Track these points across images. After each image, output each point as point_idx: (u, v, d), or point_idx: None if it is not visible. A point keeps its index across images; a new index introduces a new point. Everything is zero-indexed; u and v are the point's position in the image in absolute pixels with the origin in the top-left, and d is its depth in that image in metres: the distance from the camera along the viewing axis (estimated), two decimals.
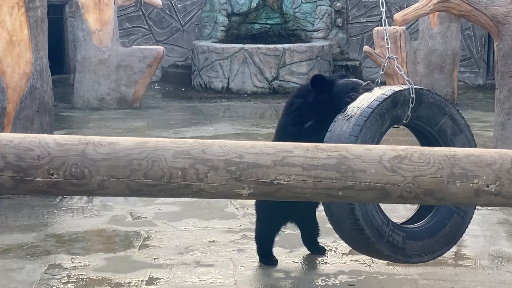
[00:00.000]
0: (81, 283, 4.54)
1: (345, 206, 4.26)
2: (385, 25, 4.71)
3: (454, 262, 4.94)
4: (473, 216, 5.84)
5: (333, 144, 2.46)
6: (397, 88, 4.38)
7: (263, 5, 13.83)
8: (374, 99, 4.30)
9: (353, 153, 2.41)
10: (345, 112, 4.34)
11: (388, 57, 4.62)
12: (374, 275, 4.66)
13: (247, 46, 12.65)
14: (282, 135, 4.59)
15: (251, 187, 2.37)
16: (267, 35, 13.72)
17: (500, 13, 6.77)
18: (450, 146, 4.39)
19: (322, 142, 4.28)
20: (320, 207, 5.95)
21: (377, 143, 4.26)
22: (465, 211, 4.50)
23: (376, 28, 11.35)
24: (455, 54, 11.28)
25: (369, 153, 2.41)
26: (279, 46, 12.70)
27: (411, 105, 4.31)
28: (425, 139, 4.53)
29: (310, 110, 4.53)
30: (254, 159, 2.37)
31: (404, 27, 10.62)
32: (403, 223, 4.63)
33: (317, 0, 13.70)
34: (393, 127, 4.46)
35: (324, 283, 4.54)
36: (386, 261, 4.82)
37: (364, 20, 14.09)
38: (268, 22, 13.86)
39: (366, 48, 11.32)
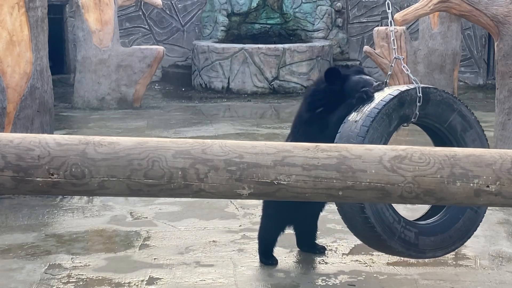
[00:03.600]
0: (81, 283, 4.54)
1: (355, 204, 4.30)
2: (391, 26, 4.74)
3: (454, 262, 4.94)
4: None
5: (333, 144, 2.46)
6: (403, 87, 4.42)
7: (263, 5, 13.83)
8: (381, 100, 4.35)
9: (353, 153, 2.41)
10: (353, 113, 4.40)
11: (395, 57, 4.66)
12: (375, 275, 4.66)
13: (247, 46, 12.65)
14: (297, 120, 4.80)
15: (251, 187, 2.37)
16: (267, 35, 13.72)
17: (500, 13, 6.77)
18: (460, 142, 4.47)
19: (330, 128, 4.46)
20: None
21: (385, 143, 4.32)
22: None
23: (376, 28, 11.35)
24: (455, 54, 11.28)
25: (370, 153, 2.41)
26: (279, 46, 12.70)
27: (418, 104, 4.35)
28: (436, 136, 4.60)
29: (321, 97, 4.66)
30: (255, 159, 2.37)
31: (404, 27, 10.62)
32: (417, 219, 4.67)
33: (317, 0, 13.70)
34: (402, 126, 4.50)
35: (324, 283, 4.54)
36: (386, 262, 4.83)
37: (364, 20, 14.09)
38: (268, 22, 13.86)
39: (366, 48, 11.32)
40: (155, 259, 4.92)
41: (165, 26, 14.03)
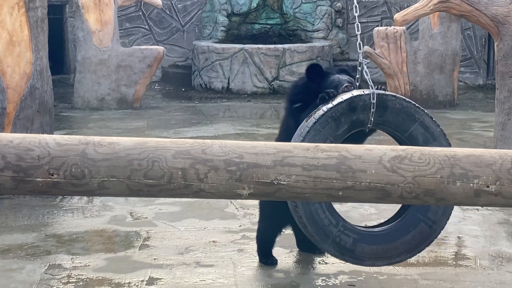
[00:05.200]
0: (81, 283, 4.53)
1: (291, 202, 4.28)
2: (357, 30, 4.63)
3: (454, 262, 4.94)
4: (474, 216, 5.86)
5: (333, 144, 2.46)
6: (358, 92, 4.32)
7: (263, 5, 13.83)
8: (330, 102, 4.30)
9: (353, 153, 2.41)
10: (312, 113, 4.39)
11: (359, 61, 4.53)
12: (374, 275, 4.66)
13: (247, 46, 12.65)
14: (284, 112, 4.89)
15: (251, 187, 2.37)
16: (267, 35, 13.72)
17: (500, 13, 6.77)
18: None
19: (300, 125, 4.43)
20: None
21: None
22: (435, 220, 4.38)
23: (376, 29, 11.36)
24: (455, 54, 11.28)
25: (369, 153, 2.41)
26: (279, 46, 12.71)
27: (372, 110, 4.25)
28: (399, 143, 4.50)
29: (299, 92, 4.68)
30: (254, 159, 2.37)
31: (404, 27, 10.62)
32: (378, 225, 4.63)
33: (317, 0, 13.70)
34: (365, 131, 4.38)
35: (324, 283, 4.54)
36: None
37: (364, 20, 14.09)
38: (268, 22, 13.86)
39: (366, 48, 11.32)
40: (155, 259, 4.92)
41: (165, 26, 14.03)
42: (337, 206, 6.03)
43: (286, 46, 12.73)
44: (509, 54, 6.77)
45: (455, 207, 5.91)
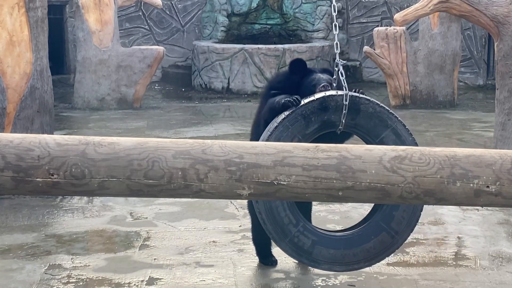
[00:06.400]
0: (81, 283, 4.53)
1: None
2: (335, 30, 4.60)
3: (454, 263, 4.94)
4: (474, 216, 5.86)
5: (333, 145, 2.46)
6: (332, 92, 4.27)
7: (263, 6, 13.83)
8: (303, 101, 4.26)
9: (353, 154, 2.41)
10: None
11: (336, 62, 4.49)
12: (374, 275, 4.65)
13: (247, 46, 12.65)
14: (260, 98, 4.94)
15: (251, 187, 2.37)
16: (267, 36, 13.72)
17: (500, 13, 6.77)
18: None
19: (263, 110, 4.50)
20: (319, 208, 5.96)
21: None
22: (397, 231, 4.31)
23: (376, 29, 11.36)
24: (455, 54, 11.29)
25: (369, 153, 2.41)
26: (279, 46, 12.70)
27: (344, 112, 4.19)
28: None
29: (279, 81, 4.73)
30: (254, 159, 2.37)
31: (404, 28, 10.62)
32: (345, 229, 4.59)
33: (317, 0, 13.70)
34: (336, 132, 4.31)
35: (324, 283, 4.54)
36: (386, 262, 4.82)
37: (364, 21, 14.10)
38: (268, 22, 13.86)
39: (366, 48, 11.33)
40: (155, 259, 4.92)
41: (165, 26, 14.03)
42: (337, 206, 6.05)
43: (286, 46, 12.73)
44: (509, 54, 6.77)
45: (455, 207, 5.91)
